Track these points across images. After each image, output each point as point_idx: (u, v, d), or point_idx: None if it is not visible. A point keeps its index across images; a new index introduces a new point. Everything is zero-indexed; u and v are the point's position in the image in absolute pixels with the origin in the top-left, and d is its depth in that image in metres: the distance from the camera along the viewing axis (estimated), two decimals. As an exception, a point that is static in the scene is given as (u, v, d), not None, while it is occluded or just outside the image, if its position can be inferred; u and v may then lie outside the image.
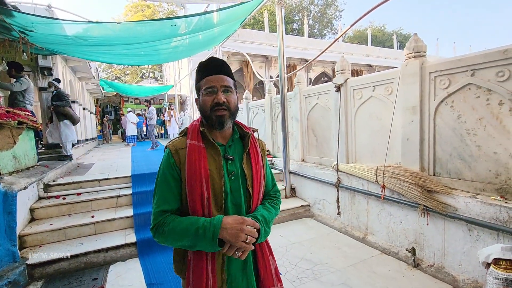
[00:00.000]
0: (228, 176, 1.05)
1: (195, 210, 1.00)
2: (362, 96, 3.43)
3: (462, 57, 2.42)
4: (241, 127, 1.15)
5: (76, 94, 8.11)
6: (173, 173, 1.03)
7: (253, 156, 1.11)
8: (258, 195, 1.10)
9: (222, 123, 1.03)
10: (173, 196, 1.03)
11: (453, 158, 2.55)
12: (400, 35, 29.46)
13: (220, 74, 1.04)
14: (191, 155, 1.01)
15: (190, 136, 1.05)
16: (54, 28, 3.53)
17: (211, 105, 1.02)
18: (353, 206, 3.56)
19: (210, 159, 1.03)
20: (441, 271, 2.51)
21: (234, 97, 1.07)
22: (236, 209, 1.05)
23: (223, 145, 1.08)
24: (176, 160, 1.03)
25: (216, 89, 1.02)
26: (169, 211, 1.02)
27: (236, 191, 1.05)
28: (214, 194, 1.00)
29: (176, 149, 1.05)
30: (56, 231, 3.25)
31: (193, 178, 0.99)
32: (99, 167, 5.47)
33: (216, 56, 1.10)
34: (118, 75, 29.01)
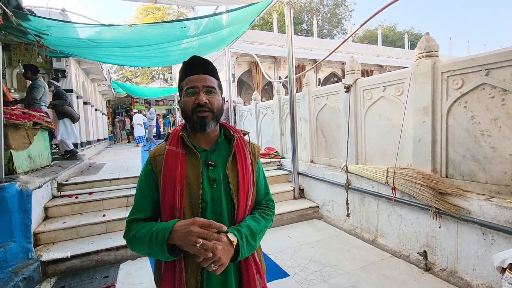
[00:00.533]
0: (209, 183, 0.97)
1: (167, 218, 0.93)
2: (372, 96, 3.39)
3: (476, 56, 2.36)
4: (228, 130, 1.07)
5: (89, 95, 8.29)
6: (148, 181, 0.98)
7: (239, 161, 1.02)
8: (245, 204, 1.01)
9: (204, 125, 0.96)
10: (146, 204, 0.98)
11: (466, 160, 2.49)
12: (412, 34, 28.99)
13: (202, 73, 0.98)
14: (167, 161, 0.95)
15: (169, 141, 1.00)
16: (67, 31, 3.62)
17: (192, 107, 0.96)
18: (363, 208, 3.51)
19: (189, 165, 0.96)
20: (454, 276, 2.45)
21: (217, 98, 1.00)
22: (217, 219, 0.94)
23: (206, 150, 1.01)
24: (153, 166, 0.98)
25: (198, 89, 0.96)
26: (140, 219, 0.97)
27: (217, 200, 0.97)
28: (190, 203, 0.93)
29: (154, 155, 1.00)
30: (69, 229, 3.33)
31: (167, 186, 0.93)
32: (110, 167, 5.57)
33: (199, 56, 1.02)
34: (129, 76, 29.53)
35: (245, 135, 1.11)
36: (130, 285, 2.64)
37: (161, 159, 0.98)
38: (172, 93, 15.45)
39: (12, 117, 3.07)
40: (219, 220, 0.96)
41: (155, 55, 5.50)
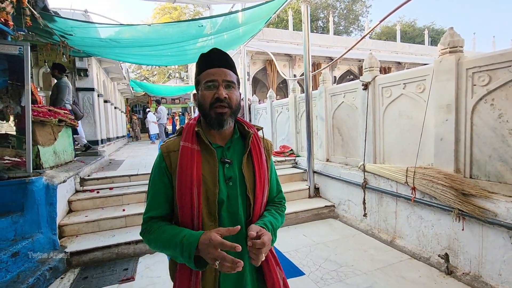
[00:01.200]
0: (225, 181, 0.94)
1: (184, 219, 0.92)
2: (391, 94, 3.30)
3: (505, 51, 2.25)
4: (242, 125, 1.03)
5: (109, 93, 8.55)
6: (163, 178, 0.95)
7: (255, 158, 1.00)
8: (260, 202, 0.99)
9: (222, 122, 0.92)
10: (161, 202, 0.95)
11: (492, 160, 2.38)
12: (432, 30, 27.96)
13: (222, 67, 0.94)
14: (183, 159, 0.91)
15: (184, 137, 0.96)
16: (90, 32, 3.75)
17: (210, 101, 0.92)
18: (381, 208, 3.44)
19: (205, 163, 0.93)
20: (478, 280, 2.36)
21: (236, 93, 0.96)
22: (232, 217, 0.94)
23: (221, 146, 0.98)
24: (168, 163, 0.94)
25: (217, 83, 0.92)
26: (157, 217, 0.95)
27: (234, 198, 0.95)
28: (207, 202, 0.91)
29: (168, 151, 0.96)
30: (91, 223, 3.46)
31: (183, 185, 0.90)
32: (129, 163, 5.74)
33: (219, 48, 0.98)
34: (147, 75, 30.20)
35: (258, 131, 1.07)
36: (149, 278, 2.71)
37: (175, 155, 0.94)
38: (188, 91, 15.67)
39: (39, 114, 3.21)
40: (235, 218, 0.95)
41: (172, 54, 5.59)
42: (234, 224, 0.90)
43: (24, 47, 2.82)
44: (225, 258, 0.77)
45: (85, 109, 6.00)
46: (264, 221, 0.95)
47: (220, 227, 0.89)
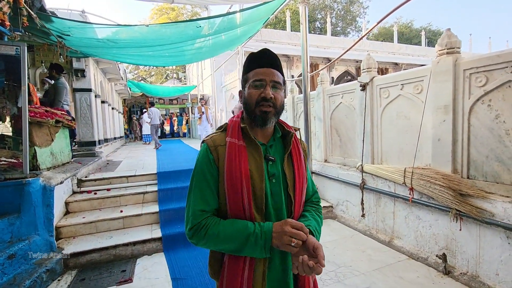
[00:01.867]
0: (269, 178, 0.97)
1: (235, 211, 0.94)
2: (389, 95, 3.32)
3: (501, 52, 2.27)
4: (282, 126, 1.06)
5: (106, 94, 8.51)
6: (211, 170, 0.96)
7: (295, 158, 1.03)
8: (300, 200, 1.02)
9: (266, 120, 0.95)
10: (212, 194, 0.96)
11: (489, 160, 2.40)
12: (429, 31, 28.13)
13: (271, 67, 0.97)
14: (231, 153, 0.94)
15: (230, 133, 0.99)
16: (87, 32, 3.73)
17: (257, 100, 0.95)
18: (379, 209, 3.45)
19: (251, 158, 0.95)
20: (476, 280, 2.37)
21: (281, 94, 0.98)
22: (277, 214, 0.97)
23: (264, 144, 1.00)
24: (215, 156, 0.96)
25: (265, 83, 0.94)
26: (208, 211, 0.95)
27: (277, 195, 0.97)
28: (254, 196, 0.93)
29: (215, 145, 0.98)
30: (88, 224, 3.44)
31: (234, 177, 0.92)
32: (126, 164, 5.71)
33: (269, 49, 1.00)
34: (144, 76, 30.12)
35: (296, 131, 1.08)
36: (147, 279, 2.70)
37: (222, 149, 0.97)
38: (186, 92, 15.64)
39: (36, 115, 3.19)
40: (279, 214, 0.97)
41: (170, 54, 5.58)
42: (279, 219, 0.95)
43: (21, 47, 2.80)
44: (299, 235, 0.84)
45: (82, 110, 5.96)
46: (311, 226, 0.97)
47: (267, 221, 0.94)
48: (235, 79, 10.43)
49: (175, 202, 3.92)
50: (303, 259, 0.82)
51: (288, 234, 0.85)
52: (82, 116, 5.97)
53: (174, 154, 7.49)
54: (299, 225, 0.87)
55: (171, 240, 3.35)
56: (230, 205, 0.94)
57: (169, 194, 4.06)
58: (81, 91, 5.93)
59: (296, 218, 0.99)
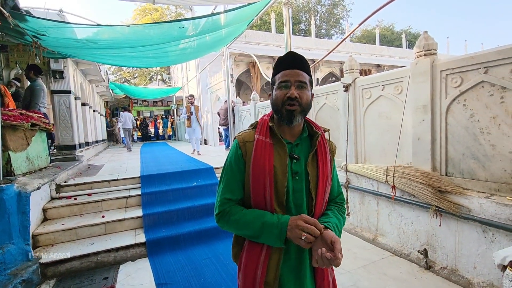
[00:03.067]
0: (292, 175, 1.02)
1: (257, 202, 1.01)
2: (371, 95, 3.39)
3: (475, 54, 2.36)
4: (311, 126, 1.10)
5: (87, 96, 8.26)
6: (239, 164, 1.04)
7: (320, 157, 1.06)
8: (322, 199, 1.06)
9: (292, 118, 1.00)
10: (237, 185, 1.05)
11: (466, 158, 2.49)
12: (409, 34, 29.06)
13: (296, 68, 1.02)
14: (257, 149, 1.02)
15: (259, 130, 1.06)
16: (65, 32, 3.60)
17: (282, 100, 1.00)
18: (363, 207, 3.51)
19: (276, 155, 1.02)
20: (455, 274, 2.45)
21: (307, 93, 1.03)
22: (297, 210, 1.03)
23: (290, 142, 1.06)
24: (243, 151, 1.04)
25: (290, 83, 1.00)
26: (233, 200, 1.04)
27: (298, 192, 1.03)
28: (276, 191, 1.00)
29: (244, 141, 1.06)
30: (68, 231, 3.31)
31: (258, 172, 1.00)
32: (109, 168, 5.55)
33: (295, 52, 1.06)
34: (127, 77, 29.45)
35: (325, 132, 1.13)
36: (130, 286, 2.62)
37: (250, 146, 1.04)
38: (171, 93, 15.42)
39: (10, 118, 3.05)
40: (299, 211, 1.02)
41: (153, 55, 5.48)
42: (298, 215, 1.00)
43: (-8, 47, 2.67)
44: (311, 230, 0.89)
45: (61, 112, 5.74)
46: (331, 223, 1.01)
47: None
48: (220, 81, 10.38)
49: (159, 206, 3.83)
50: (321, 252, 0.85)
51: (300, 227, 0.90)
52: (61, 119, 5.76)
53: (158, 157, 7.35)
54: (312, 220, 0.93)
55: (156, 245, 3.27)
56: (253, 196, 1.02)
57: (153, 197, 3.97)
58: (59, 93, 5.71)
59: (317, 216, 1.04)
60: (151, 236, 3.35)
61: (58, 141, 5.79)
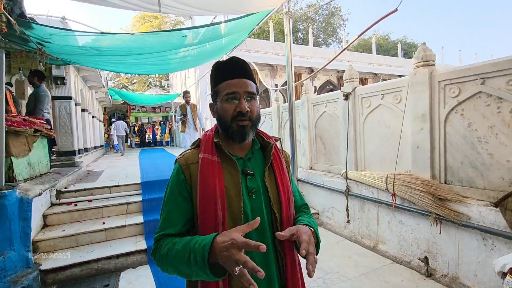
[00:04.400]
0: (248, 194, 0.90)
1: (207, 233, 0.83)
2: (370, 104, 3.46)
3: (472, 66, 2.44)
4: (261, 136, 1.00)
5: (86, 102, 8.27)
6: (182, 191, 0.89)
7: (277, 169, 0.97)
8: (288, 214, 0.94)
9: (244, 135, 0.89)
10: (180, 217, 0.88)
11: (464, 166, 2.54)
12: (405, 43, 29.59)
13: (243, 77, 0.90)
14: (204, 171, 0.87)
15: (203, 148, 0.92)
16: (69, 39, 3.65)
17: (232, 114, 0.88)
18: (363, 214, 3.54)
19: (227, 175, 0.89)
20: (456, 281, 2.47)
21: (257, 105, 0.93)
22: (259, 230, 0.88)
23: (242, 158, 0.94)
24: (187, 176, 0.89)
25: (239, 95, 0.88)
26: (173, 235, 0.87)
27: (258, 211, 0.90)
28: (231, 216, 0.86)
29: (186, 163, 0.91)
30: (68, 237, 3.29)
31: (207, 198, 0.85)
32: (108, 174, 5.54)
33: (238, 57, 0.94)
34: (125, 83, 29.52)
35: (276, 141, 1.02)
36: (132, 293, 2.61)
37: (195, 167, 0.90)
38: (169, 100, 15.46)
39: (13, 124, 3.06)
40: (261, 231, 0.89)
41: (154, 63, 5.53)
42: (261, 238, 0.88)
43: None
44: (247, 263, 0.65)
45: (62, 118, 5.75)
46: (303, 221, 0.93)
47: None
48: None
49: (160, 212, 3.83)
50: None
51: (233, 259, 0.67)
52: (61, 125, 5.76)
53: (157, 163, 7.35)
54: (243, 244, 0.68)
55: (157, 252, 3.26)
56: (202, 226, 0.85)
57: (154, 204, 3.97)
58: (60, 99, 5.74)
59: None
60: (152, 243, 3.34)
61: (58, 147, 5.78)
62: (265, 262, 0.88)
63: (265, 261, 0.88)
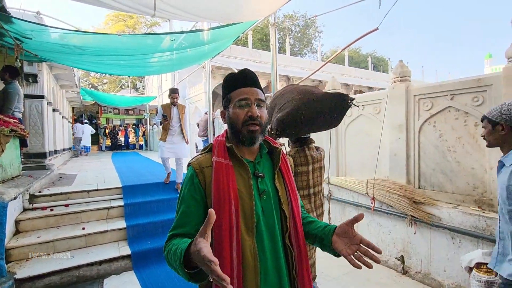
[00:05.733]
0: (259, 195, 0.96)
1: (221, 236, 0.87)
2: (352, 114, 3.70)
3: (443, 83, 2.75)
4: (268, 142, 1.06)
5: (57, 102, 7.83)
6: (195, 195, 0.93)
7: (285, 173, 1.04)
8: (297, 215, 1.01)
9: (254, 139, 0.95)
10: (190, 219, 0.92)
11: (436, 173, 2.83)
12: (374, 57, 31.45)
13: (254, 87, 0.99)
14: (218, 174, 0.92)
15: (216, 152, 0.97)
16: (52, 37, 3.50)
17: (243, 119, 0.95)
18: (344, 218, 3.74)
19: (239, 177, 0.95)
20: (428, 277, 2.72)
21: (265, 111, 1.00)
22: (270, 231, 0.95)
23: (252, 161, 1.00)
24: (201, 179, 0.94)
25: (250, 102, 0.96)
26: (181, 234, 0.90)
27: (269, 212, 0.96)
28: (244, 216, 0.91)
29: (200, 167, 0.96)
30: (45, 244, 3.12)
31: (221, 200, 0.90)
32: (84, 177, 5.29)
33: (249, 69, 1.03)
34: (96, 83, 28.15)
35: (281, 146, 1.11)
36: (119, 300, 2.54)
37: (209, 171, 0.95)
38: (145, 102, 15.02)
39: (-12, 123, 2.87)
40: (272, 231, 0.95)
41: (135, 65, 5.43)
42: (272, 238, 0.95)
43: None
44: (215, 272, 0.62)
45: (32, 118, 5.39)
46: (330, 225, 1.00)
47: (258, 240, 0.92)
48: (200, 92, 10.43)
49: (143, 217, 3.75)
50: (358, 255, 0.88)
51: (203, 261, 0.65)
52: (31, 125, 5.40)
53: (135, 167, 7.12)
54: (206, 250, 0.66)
55: (142, 257, 3.20)
56: (216, 227, 0.87)
57: (136, 208, 3.88)
58: (32, 98, 5.39)
59: (293, 234, 0.98)
60: (137, 248, 3.27)
61: (27, 148, 5.41)
62: (275, 255, 0.95)
63: (275, 257, 0.95)
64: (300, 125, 1.78)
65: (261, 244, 0.93)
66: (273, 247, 0.95)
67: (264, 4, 3.38)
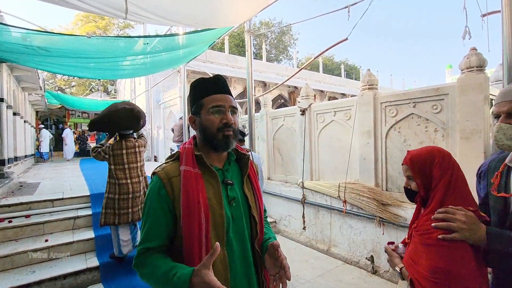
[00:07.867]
0: (229, 203, 0.96)
1: (190, 245, 0.88)
2: (324, 120, 3.83)
3: (406, 91, 2.94)
4: (236, 149, 1.06)
5: (18, 105, 7.32)
6: (162, 206, 0.91)
7: (253, 179, 1.06)
8: (263, 220, 1.07)
9: (228, 144, 0.96)
10: (159, 231, 0.91)
11: (401, 176, 2.99)
12: (346, 65, 32.77)
13: (226, 94, 1.00)
14: (187, 184, 0.90)
15: (184, 161, 0.95)
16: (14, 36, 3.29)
17: (218, 126, 0.95)
18: (318, 221, 3.84)
19: (208, 186, 0.94)
20: (395, 276, 2.86)
21: (237, 118, 1.03)
22: (239, 237, 0.96)
23: (220, 169, 1.01)
24: (168, 190, 0.91)
25: (225, 108, 0.97)
26: (154, 248, 0.91)
27: (239, 219, 0.97)
28: (214, 225, 0.91)
29: (168, 177, 0.93)
30: (1, 259, 2.88)
31: (191, 210, 0.88)
32: (48, 186, 4.97)
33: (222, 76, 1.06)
34: (63, 86, 26.66)
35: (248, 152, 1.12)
36: (85, 315, 2.41)
37: (177, 180, 0.92)
38: (116, 106, 14.47)
39: None
40: (241, 238, 0.97)
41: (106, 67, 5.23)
42: (241, 244, 0.97)
43: None
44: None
45: (-10, 122, 5.02)
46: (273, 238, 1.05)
47: (228, 249, 0.93)
48: (175, 97, 10.25)
49: (113, 226, 3.59)
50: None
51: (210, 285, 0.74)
52: (-12, 130, 5.02)
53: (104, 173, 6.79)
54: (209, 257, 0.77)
55: (110, 269, 3.05)
56: (186, 239, 0.88)
57: (106, 217, 3.70)
58: None
59: (261, 238, 1.03)
60: (105, 259, 3.12)
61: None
62: (244, 262, 0.97)
63: (245, 263, 0.97)
64: (106, 124, 3.05)
65: (231, 251, 0.94)
66: (242, 253, 0.97)
67: (239, 11, 3.43)
